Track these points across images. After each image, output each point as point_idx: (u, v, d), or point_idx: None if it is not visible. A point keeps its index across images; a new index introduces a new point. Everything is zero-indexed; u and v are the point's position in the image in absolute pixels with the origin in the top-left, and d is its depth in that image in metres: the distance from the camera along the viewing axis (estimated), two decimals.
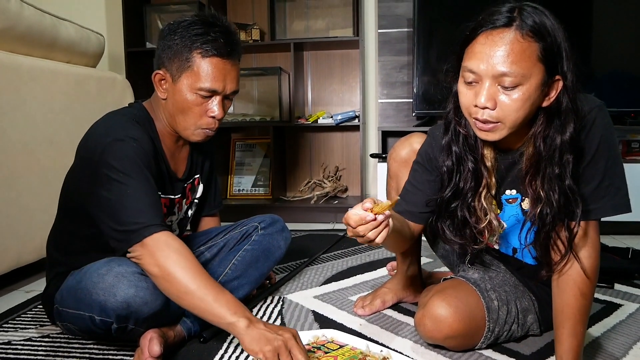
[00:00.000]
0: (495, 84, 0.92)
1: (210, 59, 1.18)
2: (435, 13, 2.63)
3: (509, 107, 0.92)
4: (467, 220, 1.08)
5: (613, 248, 1.94)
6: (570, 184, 0.97)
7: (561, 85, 0.93)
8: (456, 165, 1.08)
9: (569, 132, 0.95)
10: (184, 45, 1.18)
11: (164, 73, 1.22)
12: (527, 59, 0.90)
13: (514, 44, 0.90)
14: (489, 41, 0.91)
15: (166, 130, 1.28)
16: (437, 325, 1.10)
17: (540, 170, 0.99)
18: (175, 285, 1.03)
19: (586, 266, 1.00)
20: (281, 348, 0.96)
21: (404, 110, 2.94)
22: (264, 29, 3.00)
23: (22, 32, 1.73)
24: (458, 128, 1.07)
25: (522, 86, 0.91)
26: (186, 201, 1.40)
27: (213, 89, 1.19)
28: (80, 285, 1.10)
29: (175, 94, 1.21)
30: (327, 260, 2.00)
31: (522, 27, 0.90)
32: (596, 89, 2.51)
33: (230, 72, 1.22)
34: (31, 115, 1.71)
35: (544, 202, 0.99)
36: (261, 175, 3.14)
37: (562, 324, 1.02)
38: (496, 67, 0.90)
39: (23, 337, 1.29)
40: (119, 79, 2.32)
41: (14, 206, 1.63)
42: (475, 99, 0.94)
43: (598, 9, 2.54)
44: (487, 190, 1.08)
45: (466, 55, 0.96)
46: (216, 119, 1.23)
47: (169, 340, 1.15)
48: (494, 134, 0.97)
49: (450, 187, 1.09)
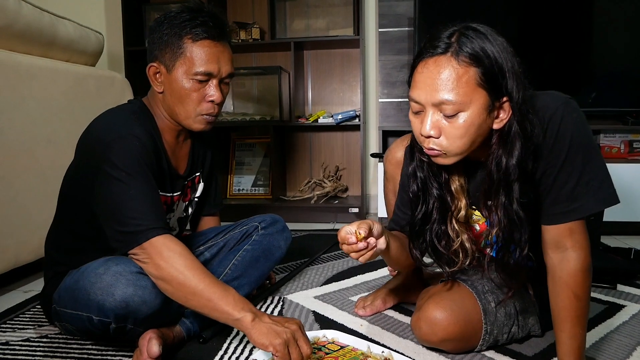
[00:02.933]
0: (437, 112, 0.92)
1: (202, 42, 1.18)
2: (435, 12, 2.62)
3: (452, 134, 0.92)
4: (436, 245, 1.09)
5: (615, 249, 1.93)
6: (517, 210, 0.97)
7: (511, 108, 0.92)
8: (422, 191, 1.09)
9: (516, 156, 0.94)
10: (173, 33, 1.18)
11: (158, 65, 1.21)
12: (465, 85, 0.89)
13: (450, 71, 0.89)
14: (426, 70, 0.92)
15: (166, 126, 1.26)
16: (432, 328, 1.10)
17: (492, 194, 0.99)
18: (181, 289, 1.03)
19: (577, 268, 0.98)
20: (290, 340, 0.97)
21: (404, 110, 2.93)
22: (264, 28, 2.99)
23: (21, 30, 1.71)
24: (420, 156, 1.07)
25: (463, 112, 0.90)
26: (184, 198, 1.39)
27: (208, 72, 1.19)
28: (78, 285, 1.09)
29: (172, 83, 1.20)
30: (327, 260, 1.99)
31: (457, 53, 0.89)
32: (597, 89, 2.52)
33: (223, 53, 1.21)
34: (30, 114, 1.70)
35: (497, 227, 1.01)
36: (261, 175, 3.14)
37: (561, 327, 1.01)
38: (434, 96, 0.90)
39: (21, 337, 1.28)
40: (118, 77, 2.31)
41: (12, 205, 1.62)
42: (421, 127, 0.94)
43: (598, 8, 2.53)
44: (456, 213, 1.08)
45: (411, 84, 0.96)
46: (215, 103, 1.22)
47: (168, 341, 1.14)
48: (443, 160, 0.98)
49: (418, 211, 1.10)
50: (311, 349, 1.00)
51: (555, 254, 1.01)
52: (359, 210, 2.76)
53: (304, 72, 3.09)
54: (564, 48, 2.50)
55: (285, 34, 2.99)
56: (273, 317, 1.02)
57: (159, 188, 1.21)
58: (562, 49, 2.50)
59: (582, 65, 2.56)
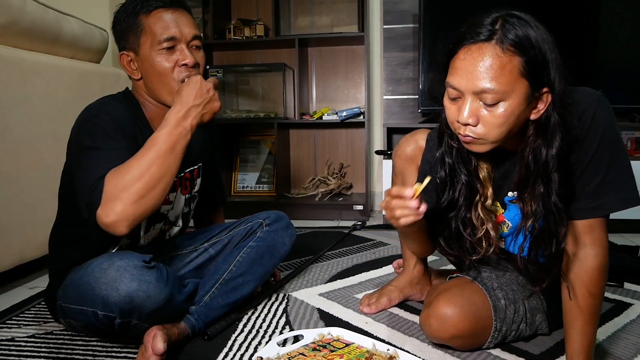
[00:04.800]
0: (477, 100, 0.90)
1: (155, 13, 1.19)
2: (440, 8, 2.60)
3: (491, 123, 0.91)
4: (462, 232, 1.07)
5: (622, 246, 1.92)
6: (556, 201, 0.95)
7: (550, 99, 0.91)
8: (450, 177, 1.07)
9: (556, 147, 0.93)
10: (129, 17, 1.20)
11: (127, 52, 1.23)
12: (508, 74, 0.87)
13: (494, 60, 0.87)
14: (469, 57, 0.89)
15: (155, 113, 1.26)
16: (443, 324, 1.09)
17: (529, 185, 0.97)
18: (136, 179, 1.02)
19: (594, 265, 0.98)
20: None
21: (409, 107, 2.92)
22: (268, 25, 2.98)
23: (26, 27, 1.71)
24: (450, 141, 1.05)
25: (504, 102, 0.89)
26: (184, 191, 1.38)
27: (170, 36, 1.18)
28: (83, 280, 1.09)
29: (144, 63, 1.20)
30: (332, 257, 1.98)
31: (502, 41, 0.87)
32: (604, 85, 2.48)
33: (180, 18, 1.22)
34: (34, 111, 1.70)
35: (532, 218, 0.98)
36: (265, 172, 3.13)
37: (572, 324, 1.00)
38: (476, 84, 0.88)
39: (26, 334, 1.28)
40: (122, 74, 2.30)
41: (17, 202, 1.62)
42: (458, 114, 0.93)
43: (605, 5, 2.51)
44: (483, 200, 1.07)
45: (449, 70, 0.94)
46: (189, 66, 1.21)
47: (172, 338, 1.14)
48: (478, 147, 0.96)
49: (444, 198, 1.08)
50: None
51: (573, 250, 1.00)
52: (363, 208, 2.76)
53: (309, 69, 3.09)
54: (571, 45, 2.48)
55: (290, 30, 2.98)
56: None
57: None
58: (569, 47, 2.45)
59: (589, 62, 2.55)
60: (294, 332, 1.22)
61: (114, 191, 1.01)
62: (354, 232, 2.43)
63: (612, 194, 0.97)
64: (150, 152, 1.05)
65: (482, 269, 1.20)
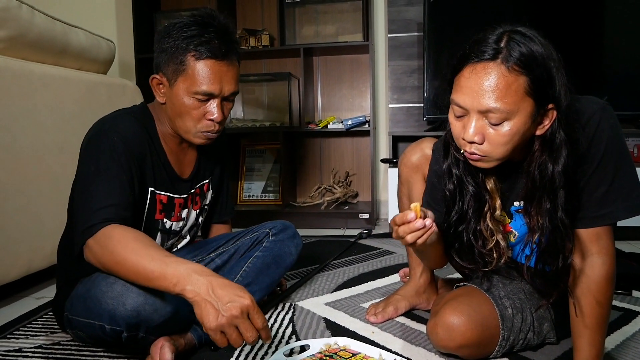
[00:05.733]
0: (482, 118, 0.90)
1: (205, 62, 1.16)
2: (445, 17, 2.61)
3: (496, 141, 0.91)
4: (473, 244, 1.07)
5: (630, 254, 1.91)
6: (562, 217, 0.95)
7: (555, 115, 0.91)
8: (458, 188, 1.07)
9: (562, 163, 0.93)
10: (177, 47, 1.16)
11: (161, 77, 1.21)
12: (514, 93, 0.87)
13: (500, 79, 0.87)
14: (474, 75, 0.89)
15: (168, 132, 1.27)
16: (450, 334, 1.08)
17: (535, 199, 0.98)
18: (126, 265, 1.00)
19: (602, 274, 0.97)
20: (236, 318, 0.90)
21: (414, 115, 2.93)
22: (273, 35, 3.00)
23: (34, 39, 1.73)
24: (455, 154, 1.05)
25: (509, 121, 0.89)
26: (194, 207, 1.39)
27: (209, 92, 1.17)
28: (90, 293, 1.09)
29: (173, 98, 1.20)
30: (338, 266, 1.98)
31: (507, 60, 0.87)
32: (609, 92, 2.49)
33: (226, 73, 1.19)
34: (42, 122, 1.71)
35: (539, 233, 0.99)
36: (271, 180, 3.14)
37: (580, 333, 1.00)
38: (482, 103, 0.88)
39: (33, 344, 1.29)
40: (129, 85, 2.32)
41: (24, 213, 1.63)
42: (463, 131, 0.93)
43: (610, 10, 2.51)
44: (491, 211, 1.06)
45: (454, 87, 0.94)
46: (215, 122, 1.21)
47: (179, 348, 1.14)
48: (483, 164, 0.96)
49: (455, 211, 1.07)
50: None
51: (580, 258, 1.00)
52: (369, 216, 2.75)
53: (314, 78, 3.10)
54: (575, 51, 2.48)
55: (295, 40, 3.00)
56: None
57: (155, 186, 1.22)
58: (574, 53, 2.47)
59: (594, 68, 2.54)
60: (300, 342, 1.22)
61: (103, 253, 1.02)
62: (360, 241, 2.42)
63: (618, 202, 0.97)
64: (141, 263, 0.98)
65: (489, 278, 1.19)
